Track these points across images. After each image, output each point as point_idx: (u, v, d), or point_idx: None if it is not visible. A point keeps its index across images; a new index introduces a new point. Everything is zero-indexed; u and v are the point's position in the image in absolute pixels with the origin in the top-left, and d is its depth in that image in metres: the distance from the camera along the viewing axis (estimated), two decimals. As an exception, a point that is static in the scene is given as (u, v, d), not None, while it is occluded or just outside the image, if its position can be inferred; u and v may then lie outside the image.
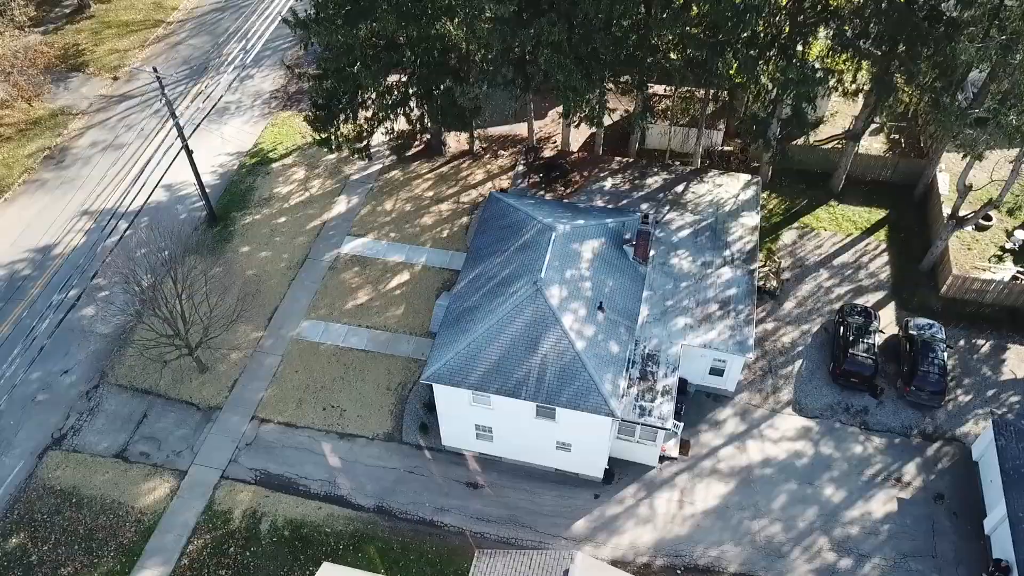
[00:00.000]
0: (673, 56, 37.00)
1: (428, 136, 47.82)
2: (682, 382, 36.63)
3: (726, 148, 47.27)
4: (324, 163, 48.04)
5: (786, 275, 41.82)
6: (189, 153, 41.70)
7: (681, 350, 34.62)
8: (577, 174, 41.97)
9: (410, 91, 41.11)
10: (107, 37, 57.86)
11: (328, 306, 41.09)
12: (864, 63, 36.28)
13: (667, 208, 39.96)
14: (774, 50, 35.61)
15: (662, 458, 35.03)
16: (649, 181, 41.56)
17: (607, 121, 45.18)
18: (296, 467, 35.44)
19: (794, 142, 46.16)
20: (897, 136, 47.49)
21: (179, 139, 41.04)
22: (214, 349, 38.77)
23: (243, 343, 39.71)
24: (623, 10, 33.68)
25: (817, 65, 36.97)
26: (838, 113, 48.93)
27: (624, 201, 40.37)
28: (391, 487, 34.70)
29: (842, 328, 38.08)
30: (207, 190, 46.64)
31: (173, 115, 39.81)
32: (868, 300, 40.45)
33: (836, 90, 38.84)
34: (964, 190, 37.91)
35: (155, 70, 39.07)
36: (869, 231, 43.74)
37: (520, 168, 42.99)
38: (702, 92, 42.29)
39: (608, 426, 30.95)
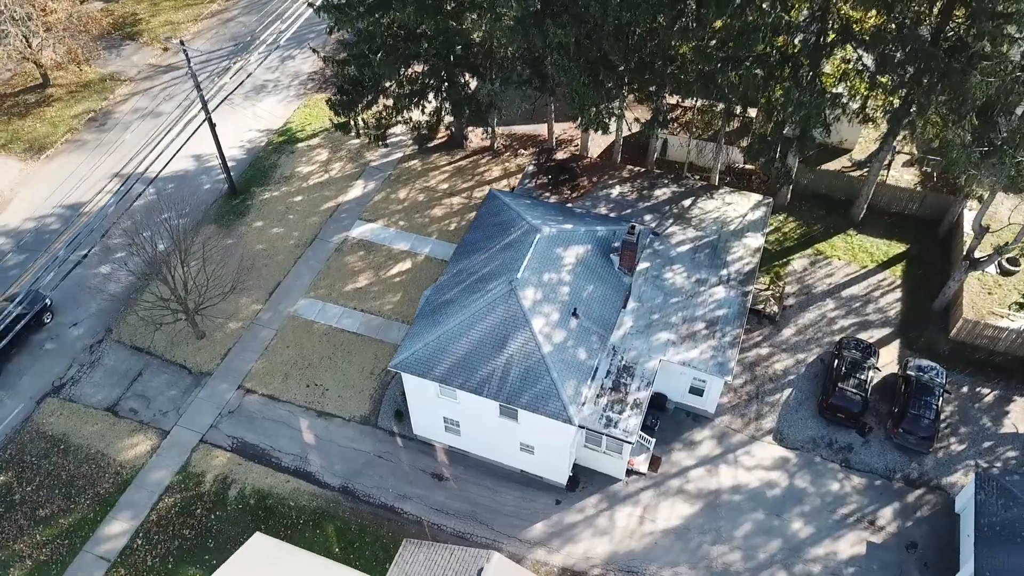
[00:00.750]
0: (687, 67, 36.38)
1: (451, 129, 48.22)
2: (661, 398, 36.28)
3: (747, 166, 46.30)
4: (347, 147, 48.94)
5: (790, 301, 40.77)
6: (212, 126, 43.06)
7: (659, 365, 34.13)
8: (586, 179, 41.73)
9: (428, 83, 41.52)
10: (164, 9, 60.14)
11: (328, 287, 41.92)
12: (878, 91, 35.00)
13: (671, 221, 39.41)
14: (786, 69, 34.69)
15: (629, 472, 34.66)
16: (658, 193, 41.05)
17: (626, 130, 44.98)
18: (272, 439, 36.34)
19: (821, 167, 45.07)
20: (928, 169, 45.71)
21: (203, 111, 42.37)
22: (213, 317, 40.03)
23: (243, 314, 40.87)
24: (631, 17, 33.29)
25: (834, 90, 35.93)
26: (864, 139, 47.42)
27: (628, 210, 40.00)
28: (359, 469, 35.26)
29: (836, 361, 36.98)
30: (234, 164, 48.35)
31: (197, 87, 41.19)
32: (872, 335, 39.13)
33: (846, 116, 37.55)
34: (980, 231, 36.30)
35: (182, 43, 40.44)
36: (885, 264, 42.26)
37: (530, 168, 42.99)
38: (721, 106, 41.50)
39: (568, 433, 30.80)
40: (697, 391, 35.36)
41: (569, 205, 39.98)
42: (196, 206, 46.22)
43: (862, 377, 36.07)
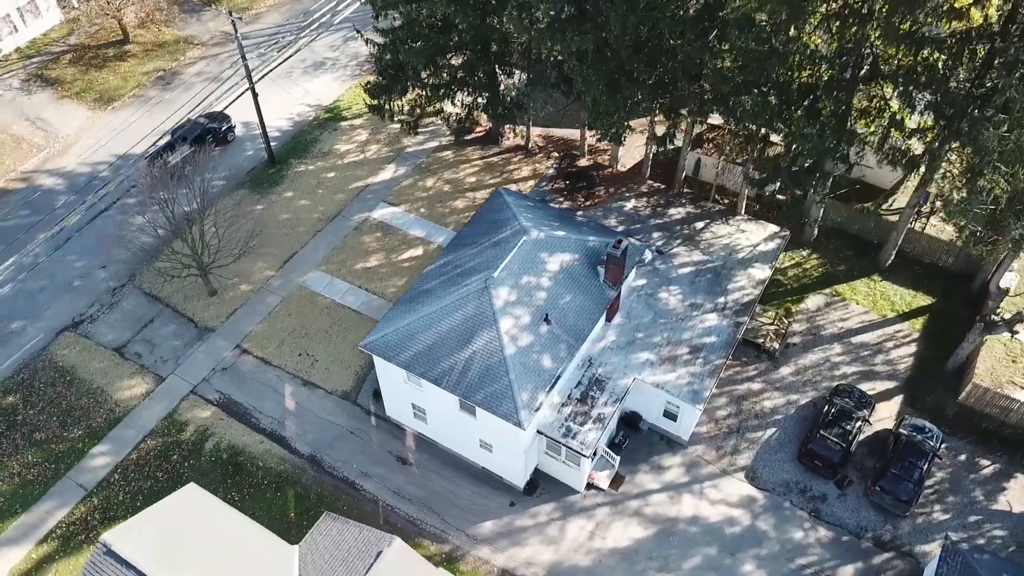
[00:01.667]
0: (705, 86, 35.65)
1: (489, 124, 48.68)
2: (635, 417, 35.83)
3: (779, 195, 44.90)
4: (387, 131, 50.07)
5: (794, 339, 39.41)
6: (255, 96, 44.90)
7: (633, 384, 33.74)
8: (603, 189, 41.49)
9: (458, 76, 42.08)
10: (247, -21, 62.85)
11: (340, 263, 43.13)
12: (899, 133, 33.39)
13: (678, 241, 38.79)
14: (806, 101, 33.54)
15: (590, 486, 34.39)
16: (672, 211, 40.44)
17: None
18: (256, 400, 37.75)
19: (857, 206, 43.31)
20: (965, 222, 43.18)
21: (247, 80, 44.25)
22: (226, 277, 41.85)
23: (256, 278, 42.54)
24: (648, 31, 32.93)
25: (858, 127, 34.56)
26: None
27: (638, 225, 39.58)
28: (330, 442, 36.25)
29: (827, 407, 35.62)
30: (279, 134, 50.40)
31: (243, 57, 43.07)
32: (874, 387, 37.44)
33: (860, 155, 35.93)
34: (998, 293, 34.29)
35: (230, 13, 42.29)
36: (905, 316, 40.29)
37: (551, 171, 43.02)
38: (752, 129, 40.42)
39: (520, 436, 30.84)
40: (671, 416, 34.74)
41: (579, 213, 39.87)
42: (236, 170, 48.33)
43: (848, 428, 34.64)
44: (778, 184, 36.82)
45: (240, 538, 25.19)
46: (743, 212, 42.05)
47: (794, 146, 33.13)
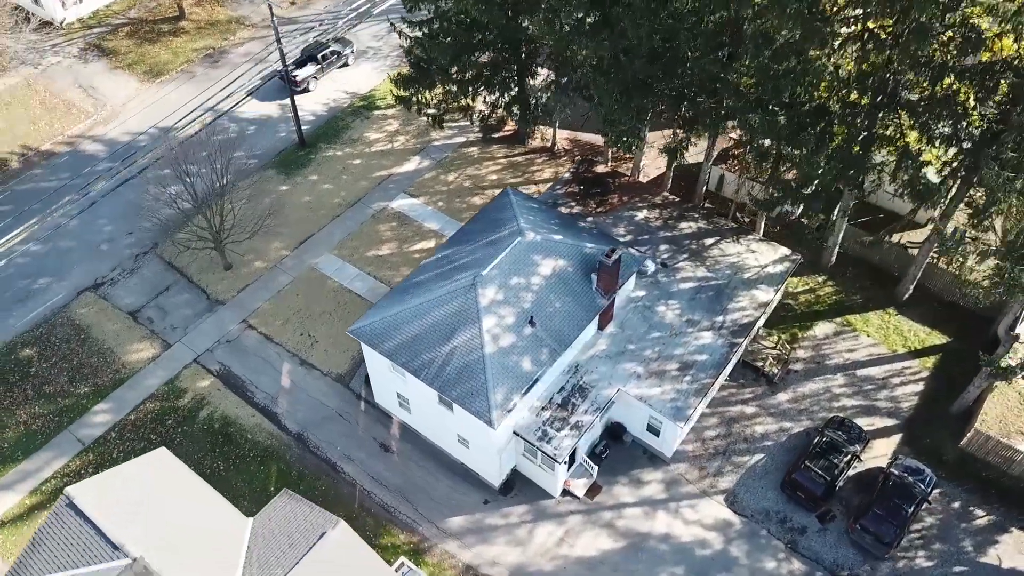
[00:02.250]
0: (720, 100, 35.10)
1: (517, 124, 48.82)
2: (620, 428, 35.58)
3: (803, 219, 43.82)
4: (417, 123, 50.62)
5: (797, 366, 38.52)
6: (288, 80, 45.99)
7: (617, 395, 33.52)
8: (617, 197, 41.20)
9: (483, 74, 42.31)
10: (304, -35, 64.22)
11: (353, 249, 43.88)
12: (909, 162, 32.26)
13: (685, 256, 38.30)
14: (818, 126, 32.69)
15: (565, 492, 34.31)
16: (684, 225, 39.92)
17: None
18: (254, 375, 38.74)
19: (882, 236, 41.94)
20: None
21: (281, 63, 45.35)
22: (242, 253, 43.03)
23: (270, 256, 43.61)
24: (664, 40, 32.62)
25: (877, 156, 33.59)
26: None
27: (645, 236, 39.22)
28: (318, 422, 36.98)
29: (818, 437, 34.77)
30: (313, 118, 51.49)
31: (278, 41, 44.18)
32: (872, 423, 36.35)
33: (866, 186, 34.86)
34: (1007, 338, 32.88)
35: (270, -2, 43.49)
36: (917, 354, 38.97)
37: (567, 175, 42.94)
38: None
39: (492, 435, 30.96)
40: (654, 431, 34.38)
41: (589, 219, 39.70)
42: (268, 150, 49.58)
43: (836, 461, 33.75)
44: (785, 207, 35.95)
45: (199, 505, 25.97)
46: (761, 232, 41.22)
47: (804, 171, 32.33)
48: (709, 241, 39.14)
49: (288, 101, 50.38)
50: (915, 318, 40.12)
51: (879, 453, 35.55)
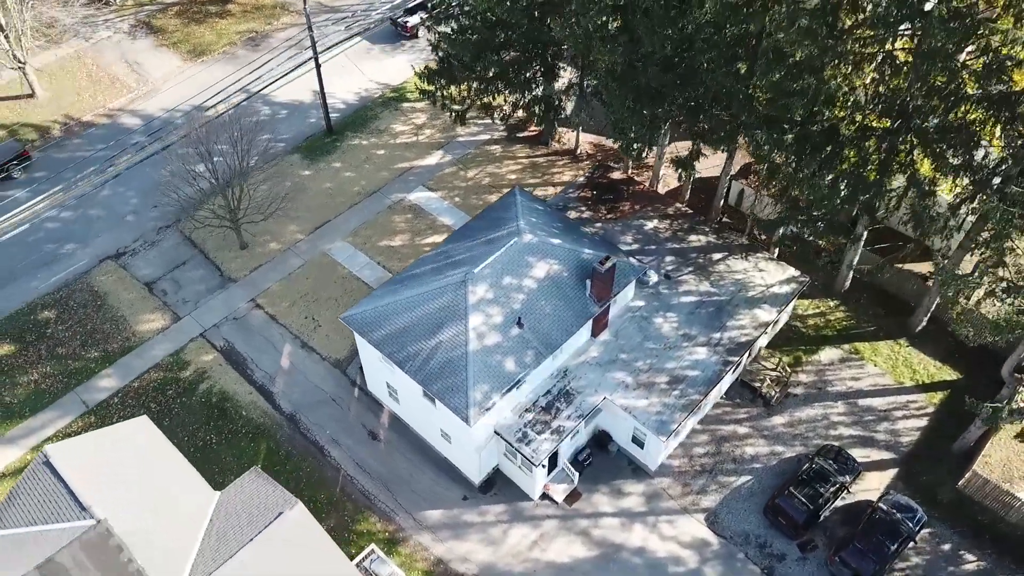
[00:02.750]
0: (731, 114, 34.56)
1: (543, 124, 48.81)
2: (606, 437, 35.38)
3: (819, 240, 42.83)
4: (443, 118, 50.88)
5: (797, 390, 37.75)
6: (318, 68, 46.80)
7: (603, 403, 33.34)
8: (630, 204, 40.90)
9: (505, 72, 42.41)
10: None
11: (366, 237, 44.45)
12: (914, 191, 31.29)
13: (690, 269, 37.85)
14: (827, 148, 31.93)
15: (544, 496, 34.26)
16: (693, 238, 39.43)
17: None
18: (256, 353, 39.57)
19: (904, 264, 40.81)
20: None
21: (311, 50, 46.16)
22: (259, 234, 43.98)
23: (285, 238, 44.47)
24: (679, 50, 32.27)
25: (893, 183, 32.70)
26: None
27: (652, 246, 38.87)
28: (312, 405, 37.59)
29: (808, 464, 34.05)
30: (344, 106, 52.36)
31: (310, 28, 45.01)
32: (868, 455, 35.44)
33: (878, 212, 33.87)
34: (1010, 380, 31.69)
35: (305, -14, 44.27)
36: (925, 388, 37.84)
37: (582, 179, 42.78)
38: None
39: (470, 432, 31.08)
40: (639, 442, 34.10)
41: (598, 225, 39.51)
42: (296, 134, 50.53)
43: (822, 490, 33.01)
44: (790, 228, 35.26)
45: (171, 475, 26.68)
46: (776, 251, 40.43)
47: (806, 194, 31.68)
48: (717, 256, 38.59)
49: (327, 89, 51.25)
50: (927, 351, 38.94)
51: (872, 486, 34.63)
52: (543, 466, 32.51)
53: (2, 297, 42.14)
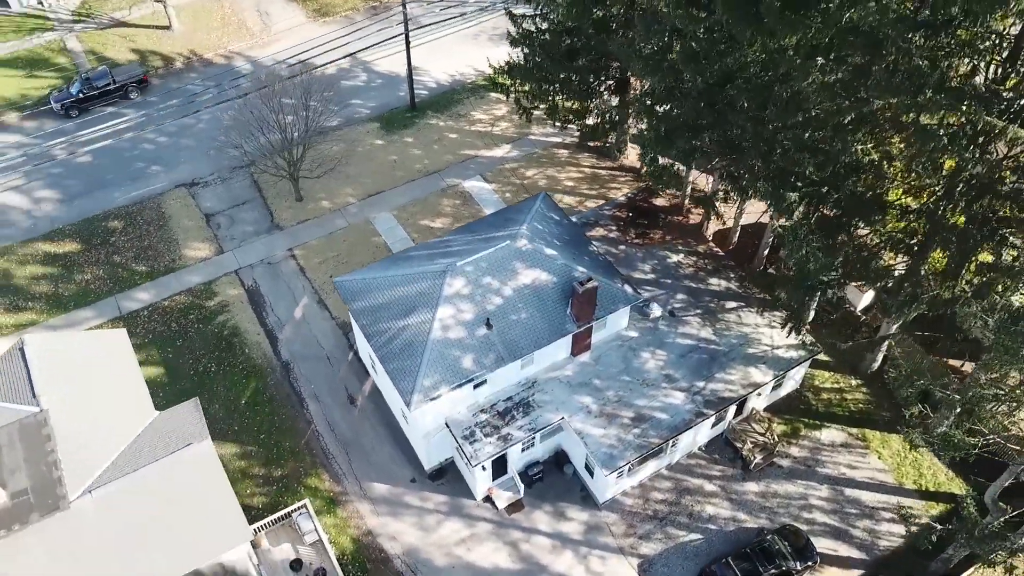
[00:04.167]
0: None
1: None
2: (564, 457, 35.01)
3: (863, 317, 39.95)
4: (522, 113, 51.35)
5: (783, 461, 35.62)
6: (408, 47, 48.56)
7: (561, 423, 32.97)
8: (661, 233, 39.80)
9: (570, 78, 42.23)
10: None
11: (411, 214, 45.78)
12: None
13: (699, 312, 36.47)
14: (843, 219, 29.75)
15: (487, 498, 34.36)
16: (713, 281, 37.91)
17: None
18: (276, 299, 41.91)
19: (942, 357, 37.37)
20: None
21: (404, 27, 47.88)
22: (315, 191, 46.36)
23: (338, 199, 46.60)
24: (716, 85, 31.12)
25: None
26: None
27: (668, 280, 37.72)
28: (307, 358, 39.42)
29: (759, 538, 32.21)
30: (434, 86, 53.96)
31: (404, 6, 46.66)
32: (836, 550, 33.00)
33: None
34: (994, 508, 28.48)
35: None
36: (925, 495, 34.68)
37: (622, 198, 42.01)
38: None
39: (414, 416, 31.68)
40: (590, 471, 33.44)
41: (621, 247, 38.76)
42: (383, 104, 52.60)
43: (762, 569, 31.13)
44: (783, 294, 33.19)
45: (123, 388, 29.01)
46: (811, 314, 38.10)
47: (794, 258, 29.75)
48: (731, 304, 36.91)
49: (421, 65, 52.98)
50: (943, 456, 35.52)
51: (828, 582, 32.29)
52: (484, 468, 32.60)
53: (88, 200, 46.84)
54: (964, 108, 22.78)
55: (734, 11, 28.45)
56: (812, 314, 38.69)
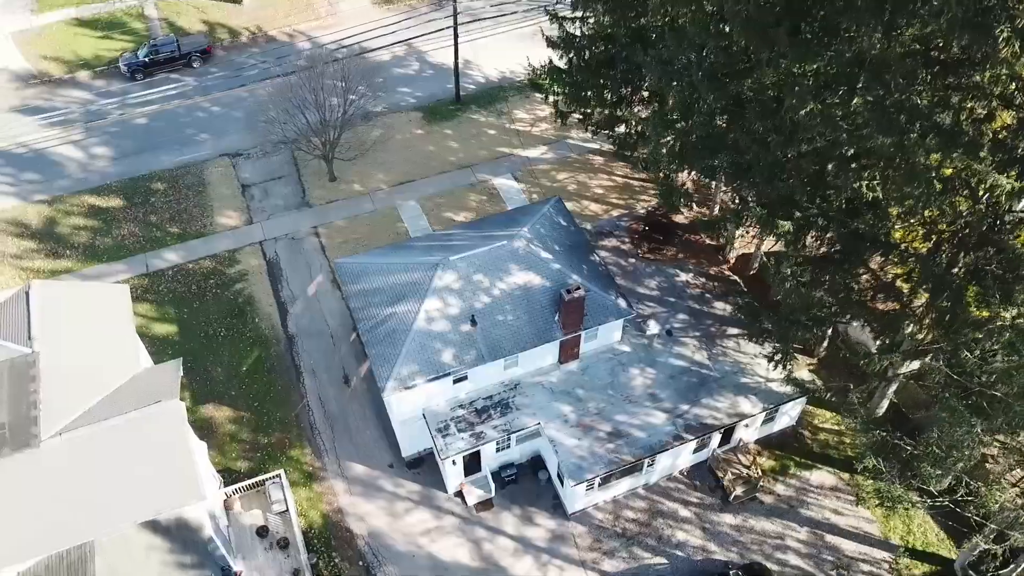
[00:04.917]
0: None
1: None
2: (539, 463, 34.93)
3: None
4: (564, 116, 51.16)
5: (767, 498, 34.60)
6: (456, 41, 49.10)
7: (536, 428, 32.89)
8: (674, 251, 39.12)
9: (602, 84, 41.86)
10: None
11: (436, 204, 46.30)
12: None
13: (698, 335, 35.76)
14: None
15: (459, 493, 34.57)
16: (719, 304, 37.09)
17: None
18: (294, 274, 43.07)
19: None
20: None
21: (453, 22, 48.36)
22: (347, 173, 47.42)
23: (370, 183, 47.53)
24: (728, 109, 30.43)
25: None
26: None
27: (672, 298, 37.10)
28: (312, 333, 40.41)
29: (722, 573, 31.41)
30: (482, 81, 54.32)
31: (454, 1, 47.13)
32: (806, 593, 31.91)
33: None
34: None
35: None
36: (912, 553, 33.10)
37: (643, 211, 41.44)
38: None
39: (391, 407, 32.12)
40: (561, 480, 33.22)
41: (631, 260, 38.30)
42: (429, 94, 53.29)
43: (719, 604, 30.40)
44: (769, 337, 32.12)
45: (116, 341, 30.26)
46: (823, 349, 36.88)
47: (781, 290, 28.78)
48: (733, 331, 36.02)
49: (472, 59, 53.41)
50: (937, 515, 33.87)
51: (792, 628, 31.25)
52: (455, 462, 32.82)
53: (138, 161, 49.11)
54: (957, 153, 21.63)
55: (751, 33, 27.77)
56: (824, 344, 37.53)
